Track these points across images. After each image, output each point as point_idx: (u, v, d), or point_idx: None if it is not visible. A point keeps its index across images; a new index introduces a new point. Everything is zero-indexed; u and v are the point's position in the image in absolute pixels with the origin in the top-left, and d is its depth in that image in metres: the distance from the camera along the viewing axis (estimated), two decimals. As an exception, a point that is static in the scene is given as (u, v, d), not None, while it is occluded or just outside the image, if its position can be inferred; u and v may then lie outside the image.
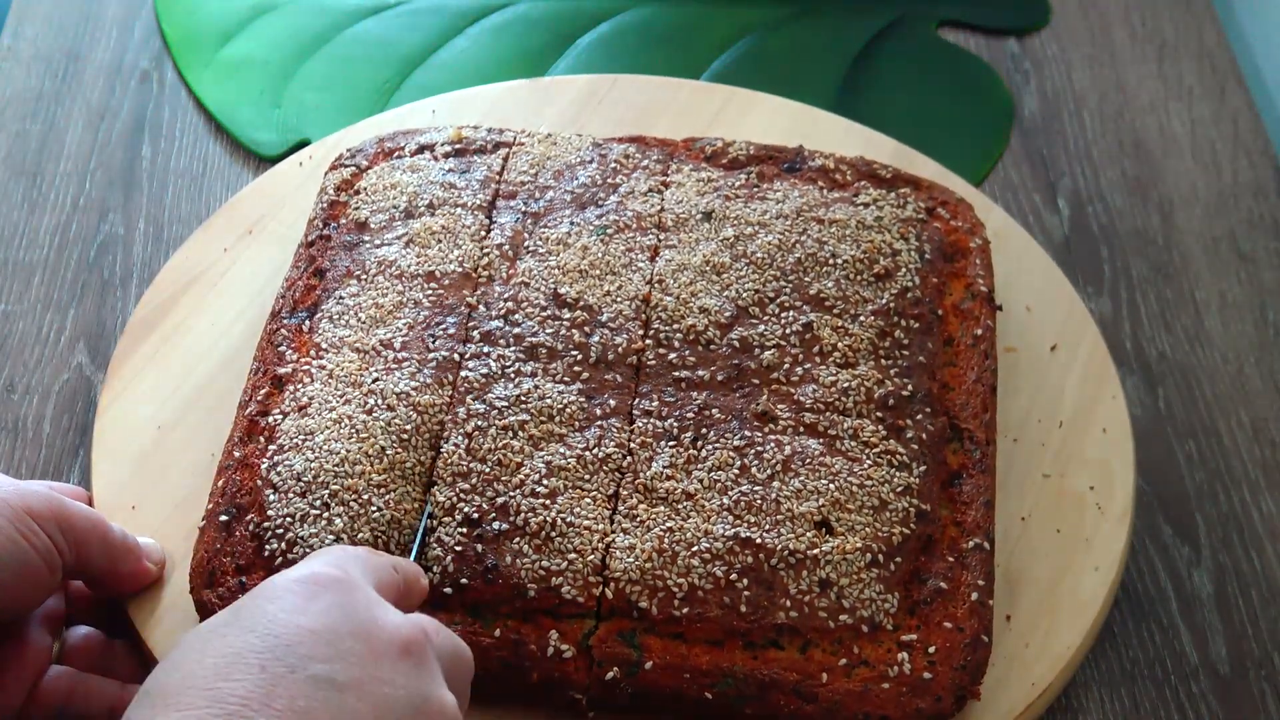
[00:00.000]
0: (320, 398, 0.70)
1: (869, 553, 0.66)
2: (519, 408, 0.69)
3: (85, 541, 0.63)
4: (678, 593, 0.64)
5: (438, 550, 0.65)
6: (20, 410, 0.80)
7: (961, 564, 0.67)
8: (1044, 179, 0.94)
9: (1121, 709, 0.71)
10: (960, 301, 0.77)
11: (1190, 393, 0.83)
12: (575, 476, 0.68)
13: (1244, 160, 0.95)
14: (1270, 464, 0.80)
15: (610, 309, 0.73)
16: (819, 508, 0.67)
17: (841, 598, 0.65)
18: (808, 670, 0.63)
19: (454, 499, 0.67)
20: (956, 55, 1.01)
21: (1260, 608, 0.74)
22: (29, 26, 1.00)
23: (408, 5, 1.03)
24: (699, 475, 0.68)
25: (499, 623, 0.64)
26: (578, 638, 0.64)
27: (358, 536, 0.65)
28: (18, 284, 0.85)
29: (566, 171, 0.81)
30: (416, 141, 0.84)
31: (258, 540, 0.66)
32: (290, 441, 0.69)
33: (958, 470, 0.71)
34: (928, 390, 0.72)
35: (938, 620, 0.65)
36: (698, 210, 0.79)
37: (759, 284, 0.75)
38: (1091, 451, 0.75)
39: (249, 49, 0.99)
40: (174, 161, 0.92)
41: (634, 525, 0.66)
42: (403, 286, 0.74)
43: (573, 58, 1.00)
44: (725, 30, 1.02)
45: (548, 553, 0.65)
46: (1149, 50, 1.02)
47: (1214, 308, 0.87)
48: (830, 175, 0.82)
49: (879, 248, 0.77)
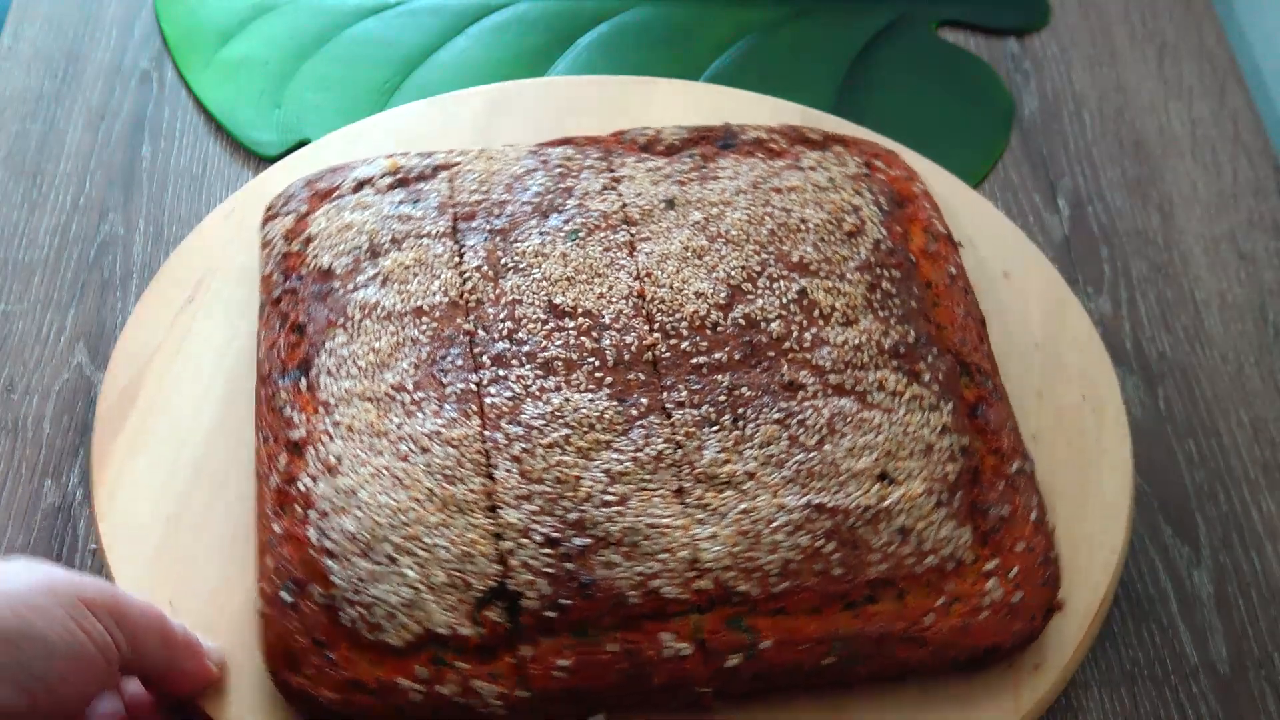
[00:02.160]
0: (348, 455, 0.68)
1: (932, 494, 0.68)
2: (557, 423, 0.68)
3: (143, 634, 0.61)
4: (772, 570, 0.65)
5: (527, 575, 0.64)
6: (20, 410, 0.80)
7: (1013, 488, 0.70)
8: (1044, 179, 0.94)
9: (1121, 709, 0.71)
10: (925, 245, 0.79)
11: (1190, 392, 0.83)
12: (637, 479, 0.67)
13: (1244, 160, 0.95)
14: (1270, 464, 0.80)
15: (609, 310, 0.73)
16: (875, 461, 0.69)
17: (921, 542, 0.67)
18: (911, 617, 0.65)
19: (525, 521, 0.66)
20: (956, 55, 1.01)
21: (1260, 608, 0.74)
22: (29, 26, 1.00)
23: (408, 5, 1.03)
24: (752, 454, 0.68)
25: (606, 637, 0.64)
26: (689, 634, 0.64)
27: (434, 581, 0.64)
28: (18, 284, 0.85)
29: (515, 183, 0.79)
30: (352, 178, 0.80)
31: (330, 611, 0.64)
32: (332, 505, 0.66)
33: (975, 402, 0.73)
34: (927, 333, 0.74)
35: (1009, 545, 0.68)
36: (659, 199, 0.78)
37: (742, 260, 0.76)
38: (1071, 362, 0.78)
39: (249, 49, 0.99)
40: (174, 161, 0.92)
41: (709, 514, 0.67)
42: (394, 327, 0.72)
43: (572, 58, 1.00)
44: (725, 30, 1.02)
45: (639, 557, 0.65)
46: (1149, 50, 1.02)
47: (1214, 308, 0.87)
48: (766, 145, 0.83)
49: (841, 206, 0.78)
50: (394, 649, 0.63)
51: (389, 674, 0.63)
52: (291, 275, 0.76)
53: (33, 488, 0.77)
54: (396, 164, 0.81)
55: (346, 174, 0.81)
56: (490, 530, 0.65)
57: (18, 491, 0.76)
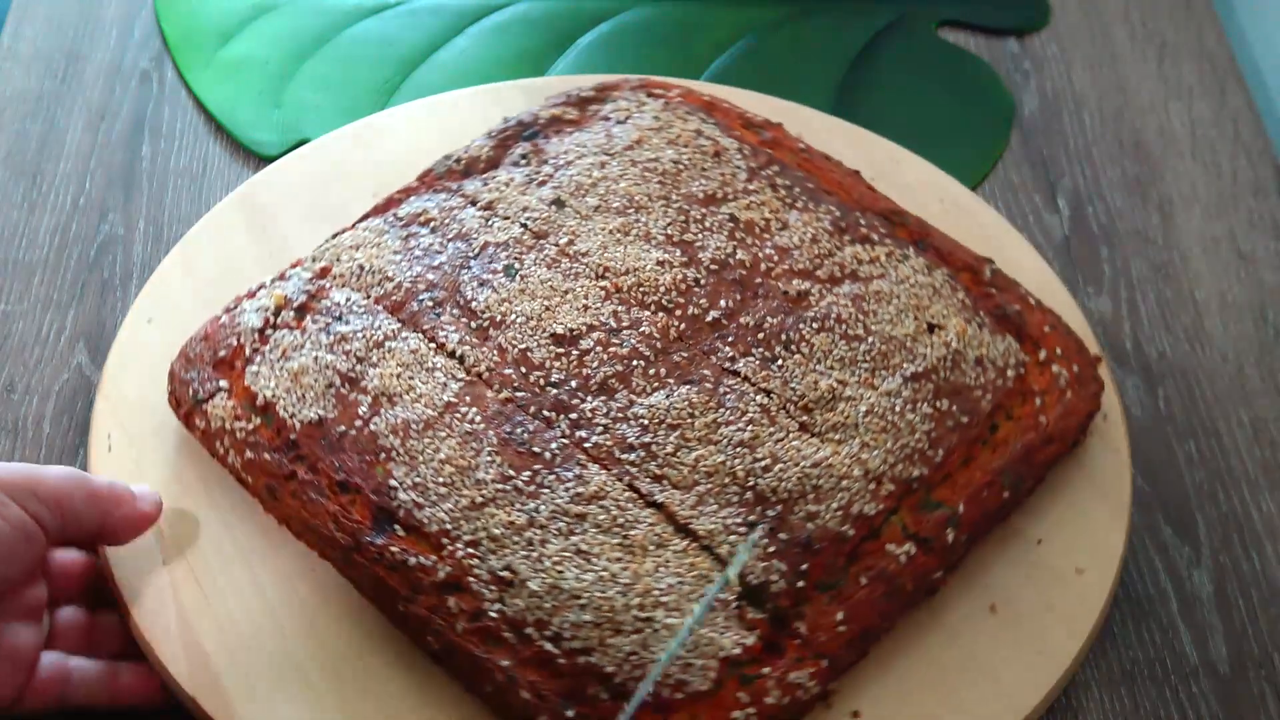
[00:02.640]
0: (516, 561, 0.65)
1: (971, 322, 0.74)
2: (663, 429, 0.69)
3: (66, 500, 0.63)
4: (923, 446, 0.69)
5: (758, 565, 0.65)
6: (20, 410, 0.80)
7: (999, 287, 0.77)
8: (1044, 179, 0.94)
9: (1121, 709, 0.71)
10: (759, 136, 0.83)
11: (1190, 393, 0.83)
12: (767, 436, 0.69)
13: (1244, 160, 0.95)
14: (1270, 464, 0.80)
15: (606, 315, 0.73)
16: (915, 320, 0.74)
17: (994, 362, 0.73)
18: (1030, 425, 0.71)
19: (717, 522, 0.66)
20: (956, 55, 1.01)
21: (1260, 608, 0.74)
22: (29, 26, 1.00)
23: (408, 5, 1.03)
24: (825, 369, 0.71)
25: (850, 575, 0.66)
26: (902, 535, 0.67)
27: (696, 615, 0.63)
28: (18, 284, 0.85)
29: (407, 255, 0.75)
30: (248, 331, 0.73)
31: (620, 696, 0.62)
32: (544, 610, 0.64)
33: (916, 239, 0.79)
34: (836, 201, 0.79)
35: (1036, 332, 0.75)
36: (544, 204, 0.78)
37: (664, 217, 0.77)
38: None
39: (249, 49, 0.99)
40: (174, 161, 0.92)
41: (843, 431, 0.69)
42: (443, 432, 0.68)
43: (573, 58, 1.00)
44: (725, 30, 1.02)
45: (826, 496, 0.67)
46: (1149, 50, 1.02)
47: (1214, 308, 0.87)
48: (561, 119, 0.84)
49: (682, 133, 0.81)
50: (707, 693, 0.62)
51: (718, 716, 0.62)
52: (285, 447, 0.69)
53: (33, 488, 0.77)
54: (281, 295, 0.74)
55: (234, 332, 0.73)
56: (698, 547, 0.65)
57: (18, 491, 0.76)
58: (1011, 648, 0.68)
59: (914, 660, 0.67)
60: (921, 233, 0.79)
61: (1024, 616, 0.69)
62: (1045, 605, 0.69)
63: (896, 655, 0.67)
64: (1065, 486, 0.73)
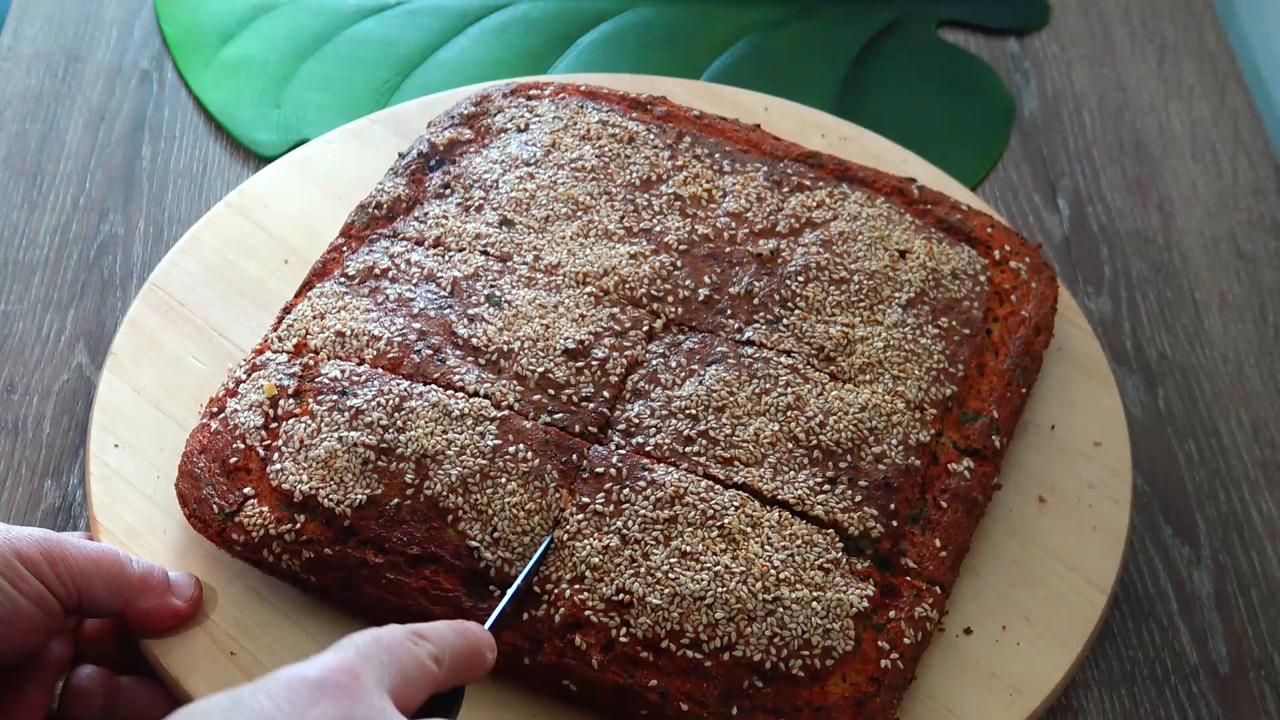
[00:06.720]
0: (617, 575, 0.65)
1: (930, 240, 0.77)
2: (711, 413, 0.70)
3: (87, 580, 0.61)
4: (943, 365, 0.73)
5: (851, 516, 0.67)
6: (20, 410, 0.80)
7: (930, 201, 0.80)
8: (1044, 179, 0.94)
9: (1121, 709, 0.71)
10: (633, 107, 0.85)
11: (1190, 393, 0.83)
12: (806, 393, 0.70)
13: (1244, 160, 0.95)
14: (1270, 464, 0.80)
15: (605, 319, 0.73)
16: (885, 250, 0.76)
17: (965, 272, 0.77)
18: (1018, 320, 0.76)
19: (800, 486, 0.68)
20: (956, 55, 1.01)
21: (1260, 608, 0.74)
22: (29, 26, 1.00)
23: (408, 5, 1.03)
24: (827, 314, 0.74)
25: (933, 504, 0.69)
26: (954, 453, 0.71)
27: (816, 580, 0.65)
28: (18, 284, 0.85)
29: (387, 315, 0.73)
30: (255, 430, 0.69)
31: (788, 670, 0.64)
32: (667, 619, 0.64)
33: (840, 174, 0.81)
34: (756, 156, 0.81)
35: (982, 235, 0.79)
36: (492, 226, 0.77)
37: (613, 212, 0.78)
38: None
39: (249, 49, 0.99)
40: (174, 161, 0.92)
41: (870, 371, 0.72)
42: (504, 478, 0.67)
43: (573, 58, 1.00)
44: (725, 30, 1.02)
45: (885, 434, 0.70)
46: (1149, 50, 1.02)
47: (1214, 308, 0.87)
48: (458, 141, 0.82)
49: (589, 127, 0.82)
50: (851, 652, 0.64)
51: (866, 672, 0.64)
52: (342, 537, 0.66)
53: (33, 488, 0.77)
54: (273, 386, 0.70)
55: (235, 437, 0.69)
56: (792, 515, 0.67)
57: (18, 491, 0.76)
58: (1074, 532, 0.72)
59: (995, 566, 0.71)
60: (842, 166, 0.81)
61: (1070, 498, 0.73)
62: (1085, 484, 0.74)
63: (978, 566, 0.70)
64: (1049, 373, 0.78)
